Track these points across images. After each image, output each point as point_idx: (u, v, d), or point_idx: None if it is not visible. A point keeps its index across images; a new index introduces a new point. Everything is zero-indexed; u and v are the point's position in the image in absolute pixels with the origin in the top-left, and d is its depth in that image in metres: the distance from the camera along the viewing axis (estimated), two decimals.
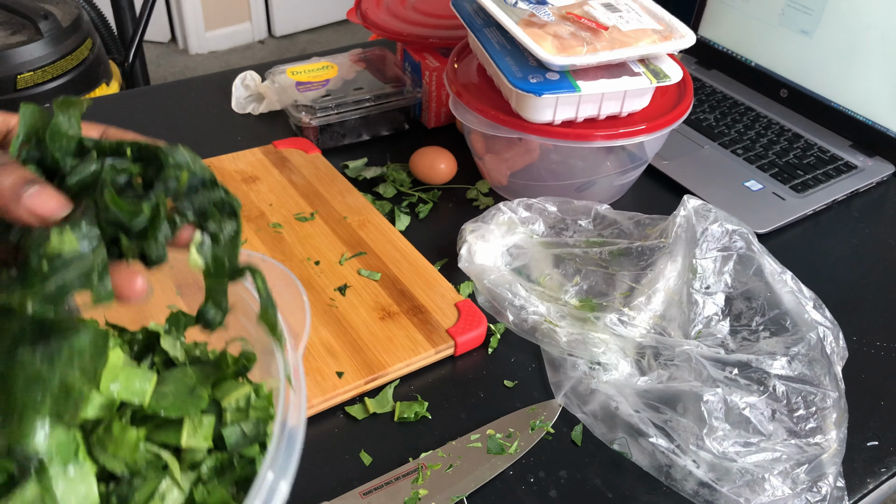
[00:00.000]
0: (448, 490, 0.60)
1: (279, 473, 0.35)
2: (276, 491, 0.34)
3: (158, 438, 0.38)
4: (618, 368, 0.68)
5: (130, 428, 0.37)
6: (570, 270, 0.78)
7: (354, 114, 0.97)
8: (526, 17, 0.81)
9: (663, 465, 0.62)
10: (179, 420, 0.38)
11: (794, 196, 0.94)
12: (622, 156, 0.88)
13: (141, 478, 0.37)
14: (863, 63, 0.99)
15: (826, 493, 0.59)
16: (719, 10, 1.16)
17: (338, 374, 0.67)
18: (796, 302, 0.71)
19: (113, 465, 0.36)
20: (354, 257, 0.80)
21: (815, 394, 0.64)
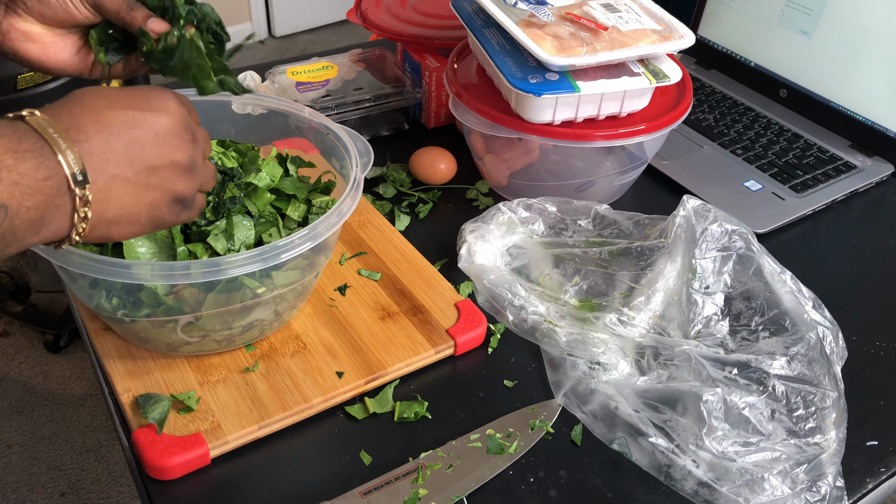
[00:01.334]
0: (448, 490, 0.60)
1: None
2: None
3: (277, 204, 0.69)
4: (617, 368, 0.68)
5: (266, 192, 0.67)
6: (569, 270, 0.78)
7: (354, 114, 0.98)
8: (526, 17, 0.81)
9: (663, 465, 0.62)
10: (289, 199, 0.69)
11: (794, 196, 0.94)
12: (622, 156, 0.88)
13: (265, 221, 0.66)
14: (862, 63, 0.99)
15: (825, 493, 0.59)
16: (719, 11, 1.16)
17: (338, 374, 0.67)
18: (796, 302, 0.71)
19: (254, 209, 0.66)
20: (354, 257, 0.80)
21: (814, 394, 0.64)
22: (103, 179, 0.46)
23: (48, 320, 1.84)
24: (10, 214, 0.41)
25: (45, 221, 0.44)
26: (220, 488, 0.60)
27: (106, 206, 0.47)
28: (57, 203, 0.44)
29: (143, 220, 0.50)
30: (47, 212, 0.43)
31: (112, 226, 0.48)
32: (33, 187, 0.42)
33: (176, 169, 0.50)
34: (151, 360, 0.67)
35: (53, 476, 1.63)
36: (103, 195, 0.46)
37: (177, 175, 0.50)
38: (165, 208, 0.51)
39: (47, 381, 1.82)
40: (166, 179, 0.49)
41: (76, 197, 0.44)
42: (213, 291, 0.60)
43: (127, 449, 0.62)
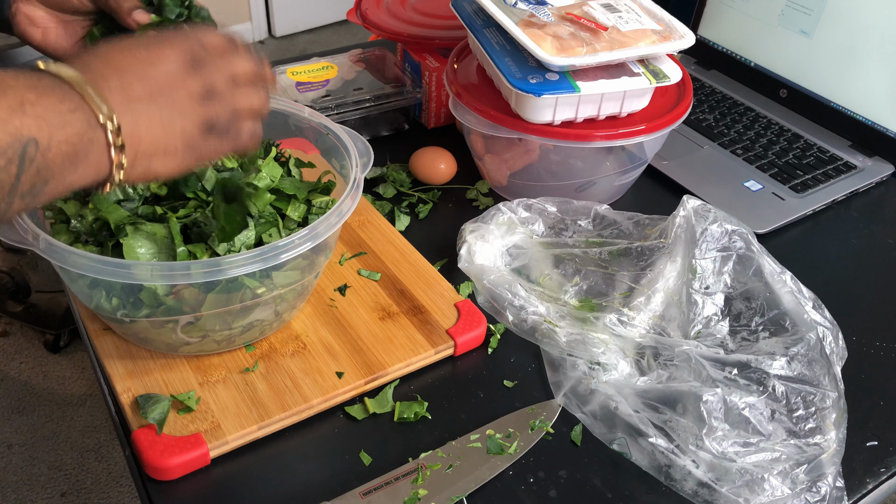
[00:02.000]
0: (448, 490, 0.60)
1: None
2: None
3: (277, 204, 0.67)
4: (617, 368, 0.68)
5: (267, 192, 0.65)
6: (569, 271, 0.78)
7: (354, 114, 0.98)
8: (525, 17, 0.81)
9: (663, 465, 0.62)
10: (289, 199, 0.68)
11: (794, 196, 0.94)
12: (622, 156, 0.88)
13: (265, 221, 0.65)
14: (862, 63, 0.99)
15: (825, 493, 0.59)
16: (719, 11, 1.16)
17: (338, 374, 0.67)
18: (796, 302, 0.71)
19: (254, 210, 0.64)
20: (354, 257, 0.80)
21: (814, 394, 0.64)
22: (128, 113, 0.47)
23: (48, 320, 1.84)
24: (42, 148, 0.42)
25: (81, 157, 0.44)
26: (220, 488, 0.60)
27: (139, 139, 0.47)
28: (89, 136, 0.44)
29: (180, 150, 0.50)
30: (80, 146, 0.44)
31: (151, 159, 0.49)
32: (60, 120, 0.43)
33: (192, 97, 0.50)
34: (151, 361, 0.67)
35: (53, 476, 1.63)
36: (132, 128, 0.47)
37: (196, 102, 0.50)
38: (198, 136, 0.51)
39: (47, 381, 1.82)
40: (187, 107, 0.50)
41: (107, 130, 0.45)
42: (213, 292, 0.60)
43: (127, 449, 0.62)
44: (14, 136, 0.41)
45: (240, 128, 0.54)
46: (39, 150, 0.42)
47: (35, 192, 0.43)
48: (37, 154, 0.42)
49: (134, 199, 0.64)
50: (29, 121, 0.41)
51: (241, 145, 0.55)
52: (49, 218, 0.65)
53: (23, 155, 0.41)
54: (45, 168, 0.43)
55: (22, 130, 0.41)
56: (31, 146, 0.41)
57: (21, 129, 0.41)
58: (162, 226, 0.62)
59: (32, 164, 0.42)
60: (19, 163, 0.41)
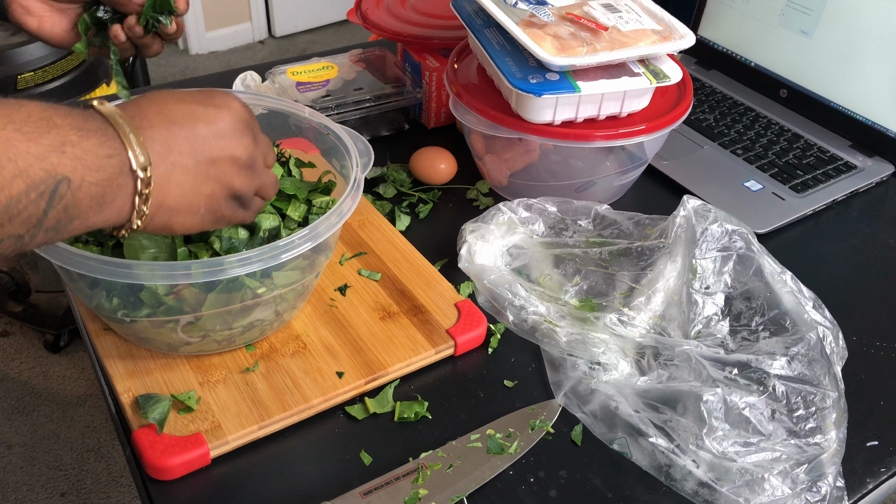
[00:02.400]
0: (448, 490, 0.60)
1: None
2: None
3: (277, 204, 0.68)
4: (618, 368, 0.68)
5: None
6: (569, 270, 0.78)
7: (354, 114, 0.98)
8: (526, 17, 0.81)
9: (663, 465, 0.62)
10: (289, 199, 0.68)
11: (794, 196, 0.94)
12: (622, 156, 0.88)
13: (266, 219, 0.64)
14: (862, 63, 0.99)
15: (826, 493, 0.59)
16: (719, 11, 1.16)
17: (338, 374, 0.67)
18: (796, 302, 0.71)
19: None
20: (354, 257, 0.80)
21: (814, 394, 0.64)
22: (164, 165, 0.47)
23: (48, 320, 1.84)
24: (73, 188, 0.43)
25: (108, 200, 0.45)
26: (220, 488, 0.60)
27: (167, 193, 0.48)
28: (119, 182, 0.45)
29: (203, 212, 0.51)
30: (109, 189, 0.45)
31: (173, 214, 0.50)
32: (96, 164, 0.44)
33: (236, 164, 0.51)
34: (151, 360, 0.67)
35: (53, 476, 1.63)
36: (164, 180, 0.48)
37: (236, 171, 0.52)
38: (224, 202, 0.52)
39: (47, 381, 1.82)
40: (225, 173, 0.51)
41: (138, 178, 0.46)
42: (213, 291, 0.60)
43: (127, 449, 0.62)
44: (49, 172, 0.42)
45: (254, 205, 0.56)
46: (70, 188, 0.43)
47: (59, 227, 0.44)
48: (67, 192, 0.43)
49: None
50: (66, 160, 0.42)
51: (249, 218, 0.57)
52: None
53: (54, 192, 0.42)
54: (73, 206, 0.44)
55: (58, 168, 0.42)
56: (64, 184, 0.42)
57: (57, 167, 0.42)
58: None
59: (62, 201, 0.43)
60: (49, 198, 0.42)
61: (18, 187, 0.41)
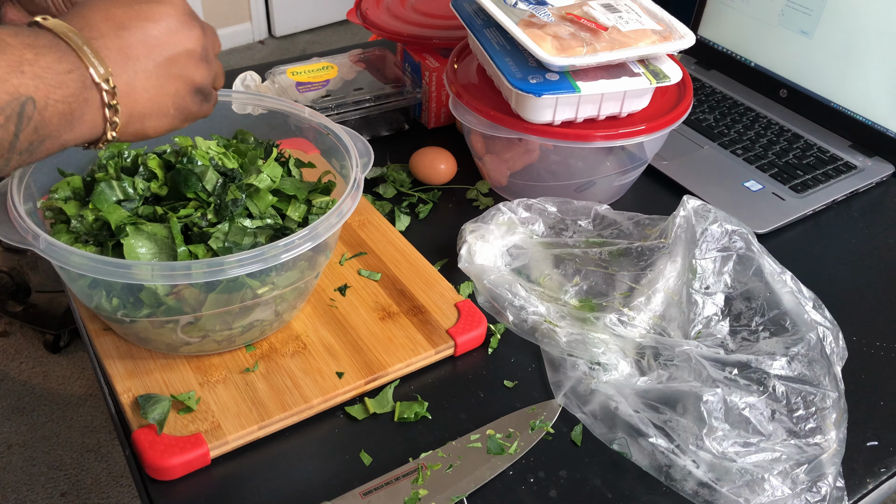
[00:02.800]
0: (448, 490, 0.60)
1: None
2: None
3: (277, 205, 0.68)
4: (617, 368, 0.68)
5: (269, 194, 0.67)
6: (569, 271, 0.78)
7: (354, 114, 0.98)
8: (526, 17, 0.81)
9: (663, 465, 0.62)
10: (289, 199, 0.68)
11: (794, 196, 0.94)
12: (622, 156, 0.88)
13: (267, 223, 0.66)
14: (862, 63, 0.99)
15: (826, 494, 0.59)
16: (719, 11, 1.16)
17: (338, 374, 0.67)
18: (796, 302, 0.71)
19: (256, 210, 0.66)
20: (354, 257, 0.80)
21: (814, 394, 0.64)
22: (126, 74, 0.47)
23: (48, 320, 1.84)
24: (39, 107, 0.43)
25: (77, 115, 0.45)
26: (220, 488, 0.60)
27: (134, 100, 0.48)
28: (85, 97, 0.45)
29: (172, 112, 0.51)
30: (76, 105, 0.45)
31: (144, 120, 0.50)
32: (57, 80, 0.44)
33: (192, 57, 0.52)
34: (151, 361, 0.67)
35: (53, 476, 1.63)
36: (129, 88, 0.48)
37: (194, 63, 0.52)
38: (189, 98, 0.52)
39: (47, 381, 1.82)
40: (185, 68, 0.51)
41: (103, 90, 0.46)
42: (213, 292, 0.60)
43: (127, 449, 0.62)
44: (12, 94, 0.42)
45: (213, 96, 0.56)
46: (37, 108, 0.43)
47: (32, 149, 0.44)
48: (34, 112, 0.43)
49: (134, 200, 0.64)
50: (27, 80, 0.42)
51: (209, 111, 0.57)
52: (49, 218, 0.65)
53: (21, 113, 0.42)
54: (42, 126, 0.44)
55: (20, 89, 0.42)
56: (29, 105, 0.42)
57: (19, 87, 0.42)
58: (162, 226, 0.62)
59: (30, 122, 0.43)
60: (17, 121, 0.42)
61: None
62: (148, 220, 0.63)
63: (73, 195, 0.66)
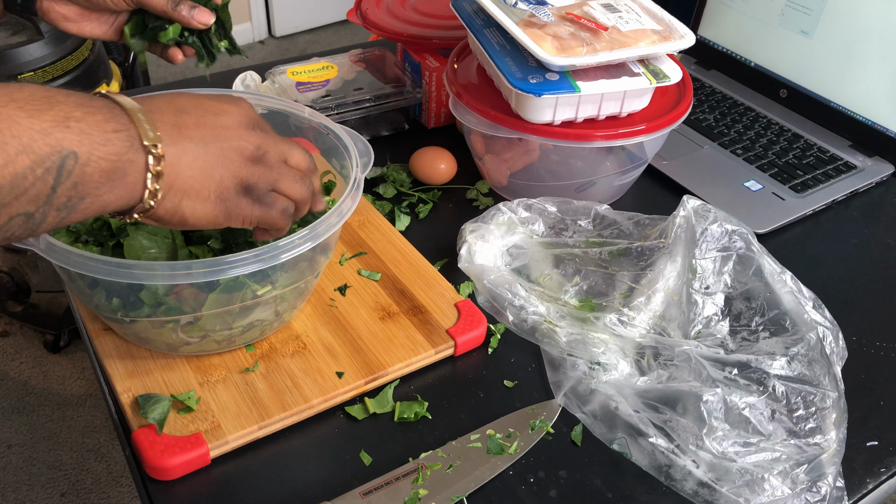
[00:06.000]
0: (448, 490, 0.60)
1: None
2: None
3: None
4: (617, 368, 0.68)
5: None
6: (569, 270, 0.78)
7: (354, 114, 0.98)
8: (526, 17, 0.81)
9: (663, 465, 0.62)
10: None
11: (794, 196, 0.94)
12: (622, 156, 0.88)
13: None
14: (862, 63, 0.99)
15: (826, 494, 0.59)
16: (719, 11, 1.16)
17: (338, 374, 0.67)
18: (796, 302, 0.71)
19: None
20: (354, 257, 0.80)
21: (814, 394, 0.64)
22: (175, 146, 0.48)
23: (48, 320, 1.84)
24: (81, 162, 0.43)
25: (118, 176, 0.45)
26: (220, 488, 0.60)
27: (178, 173, 0.48)
28: (130, 157, 0.45)
29: (213, 199, 0.51)
30: (119, 164, 0.45)
31: (184, 197, 0.49)
32: (103, 138, 0.44)
33: (243, 154, 0.52)
34: (151, 360, 0.67)
35: (53, 476, 1.63)
36: (175, 160, 0.48)
37: (244, 161, 0.52)
38: (234, 192, 0.52)
39: (47, 381, 1.82)
40: (233, 161, 0.51)
41: (150, 153, 0.46)
42: (213, 292, 0.60)
43: (127, 449, 0.62)
44: (54, 147, 0.42)
45: (275, 201, 0.55)
46: (78, 163, 0.43)
47: (71, 206, 0.44)
48: (75, 167, 0.43)
49: None
50: (71, 135, 0.42)
51: (271, 218, 0.55)
52: None
53: (61, 167, 0.42)
54: (83, 183, 0.43)
55: (63, 143, 0.42)
56: (70, 159, 0.42)
57: (62, 141, 0.42)
58: None
59: (70, 176, 0.43)
60: (56, 174, 0.42)
61: (23, 163, 0.40)
62: None
63: None
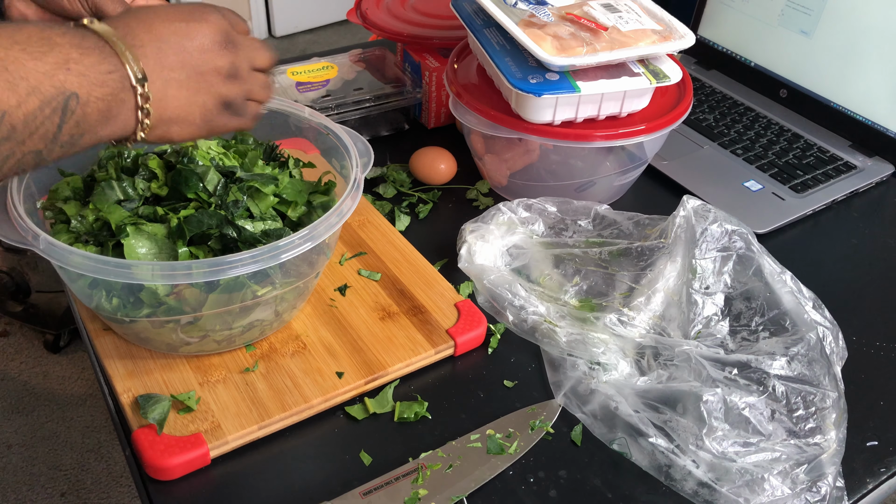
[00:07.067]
0: (448, 490, 0.60)
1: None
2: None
3: (279, 207, 0.68)
4: (617, 368, 0.68)
5: (270, 195, 0.67)
6: (569, 271, 0.78)
7: (354, 114, 0.98)
8: (526, 17, 0.81)
9: (663, 465, 0.62)
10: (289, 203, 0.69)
11: (794, 196, 0.94)
12: (622, 156, 0.88)
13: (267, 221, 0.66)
14: (862, 63, 0.99)
15: (825, 493, 0.59)
16: (719, 11, 1.16)
17: (338, 374, 0.67)
18: (796, 302, 0.71)
19: (257, 211, 0.66)
20: (354, 257, 0.80)
21: (814, 394, 0.64)
22: (160, 81, 0.51)
23: (48, 320, 1.84)
24: (81, 103, 0.46)
25: (113, 114, 0.49)
26: (220, 488, 0.60)
27: (164, 106, 0.52)
28: (122, 97, 0.49)
29: (198, 122, 0.55)
30: (114, 104, 0.48)
31: (171, 125, 0.53)
32: (99, 80, 0.47)
33: (220, 74, 0.55)
34: (151, 360, 0.67)
35: (53, 476, 1.63)
36: (161, 94, 0.51)
37: (222, 80, 0.55)
38: (216, 111, 0.55)
39: (47, 381, 1.82)
40: (213, 84, 0.54)
41: (138, 93, 0.49)
42: (214, 292, 0.60)
43: (127, 449, 0.62)
44: (59, 89, 0.45)
45: (248, 109, 0.58)
46: (79, 104, 0.46)
47: (73, 142, 0.48)
48: (77, 107, 0.46)
49: (134, 200, 0.64)
50: (72, 77, 0.46)
51: (246, 125, 0.59)
52: (49, 218, 0.65)
53: (65, 107, 0.45)
54: (83, 121, 0.47)
55: (66, 85, 0.45)
56: (73, 100, 0.46)
57: (65, 83, 0.45)
58: (163, 226, 0.62)
59: (73, 116, 0.46)
60: (62, 113, 0.46)
61: (33, 103, 0.44)
62: (148, 221, 0.63)
63: (73, 195, 0.66)
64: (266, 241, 0.62)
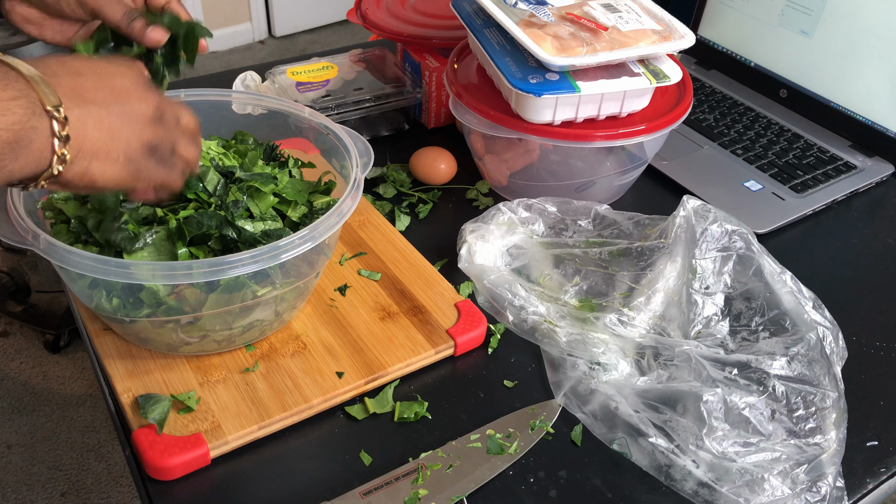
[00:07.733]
0: (448, 490, 0.60)
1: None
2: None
3: (279, 207, 0.69)
4: (617, 368, 0.68)
5: (270, 195, 0.67)
6: (569, 271, 0.78)
7: (354, 114, 0.98)
8: (526, 17, 0.81)
9: (663, 465, 0.62)
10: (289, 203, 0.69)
11: (794, 196, 0.94)
12: (622, 156, 0.88)
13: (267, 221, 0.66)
14: (862, 63, 0.99)
15: (825, 493, 0.59)
16: (719, 11, 1.16)
17: (338, 374, 0.67)
18: (796, 302, 0.71)
19: (256, 211, 0.66)
20: (354, 257, 0.80)
21: (814, 394, 0.64)
22: (78, 109, 0.47)
23: (48, 320, 1.84)
24: None
25: (23, 144, 0.44)
26: (220, 488, 0.60)
27: (85, 136, 0.48)
28: (33, 124, 0.44)
29: (122, 160, 0.50)
30: (23, 133, 0.44)
31: (92, 160, 0.49)
32: (1, 107, 0.43)
33: (144, 116, 0.52)
34: (151, 360, 0.67)
35: (53, 476, 1.63)
36: (80, 123, 0.47)
37: (146, 121, 0.52)
38: (140, 153, 0.52)
39: (47, 381, 1.82)
40: (137, 122, 0.51)
41: (54, 118, 0.45)
42: (214, 292, 0.60)
43: (127, 449, 0.62)
44: None
45: (176, 162, 0.56)
46: None
47: None
48: None
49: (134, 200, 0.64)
50: None
51: (173, 179, 0.56)
52: (49, 218, 0.65)
53: None
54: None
55: None
56: None
57: None
58: (163, 227, 0.62)
59: None
60: None
61: None
62: (148, 222, 0.63)
63: (72, 195, 0.66)
64: (266, 242, 0.62)
